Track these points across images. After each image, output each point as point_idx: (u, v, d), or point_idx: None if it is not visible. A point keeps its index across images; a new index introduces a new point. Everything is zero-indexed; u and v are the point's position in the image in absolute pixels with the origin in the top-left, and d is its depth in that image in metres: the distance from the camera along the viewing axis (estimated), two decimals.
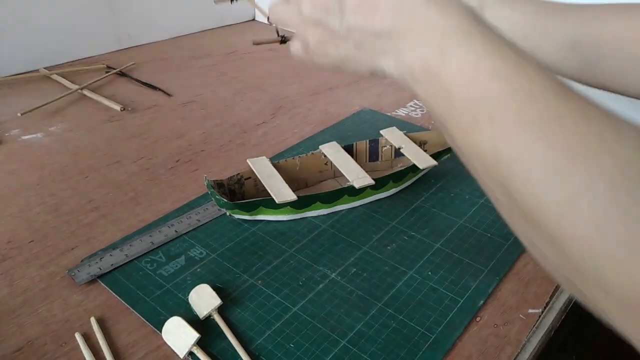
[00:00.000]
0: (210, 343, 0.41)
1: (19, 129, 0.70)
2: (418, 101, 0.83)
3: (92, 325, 0.42)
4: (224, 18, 1.15)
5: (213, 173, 0.62)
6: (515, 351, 0.41)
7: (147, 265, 0.48)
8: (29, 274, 0.47)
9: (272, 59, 0.98)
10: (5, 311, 0.43)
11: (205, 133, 0.71)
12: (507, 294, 0.47)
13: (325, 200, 0.54)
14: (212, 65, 0.94)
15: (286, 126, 0.74)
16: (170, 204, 0.57)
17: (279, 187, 0.52)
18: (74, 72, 0.87)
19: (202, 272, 0.48)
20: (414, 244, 0.52)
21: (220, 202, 0.51)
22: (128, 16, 0.97)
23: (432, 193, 0.59)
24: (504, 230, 0.53)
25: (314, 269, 0.48)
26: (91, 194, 0.58)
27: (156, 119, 0.75)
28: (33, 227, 0.53)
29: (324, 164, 0.59)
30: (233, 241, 0.51)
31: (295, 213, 0.54)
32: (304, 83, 0.88)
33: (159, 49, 1.01)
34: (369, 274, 0.48)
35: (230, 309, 0.44)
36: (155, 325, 0.42)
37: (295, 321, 0.43)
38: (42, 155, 0.65)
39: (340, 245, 0.51)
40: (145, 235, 0.51)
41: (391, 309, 0.44)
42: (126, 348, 0.41)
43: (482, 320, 0.44)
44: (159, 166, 0.64)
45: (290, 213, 0.53)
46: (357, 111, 0.78)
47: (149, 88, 0.83)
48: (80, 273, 0.46)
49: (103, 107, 0.77)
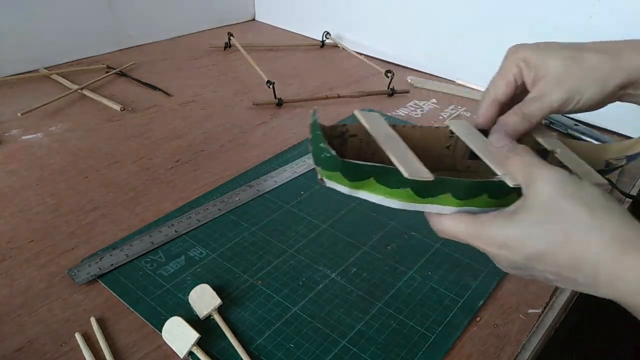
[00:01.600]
0: (210, 343, 0.41)
1: (19, 129, 0.70)
2: (418, 101, 0.83)
3: (92, 325, 0.42)
4: (224, 18, 1.15)
5: (213, 173, 0.62)
6: (515, 351, 0.41)
7: (147, 265, 0.48)
8: (29, 274, 0.47)
9: (273, 59, 0.98)
10: (5, 311, 0.43)
11: (205, 133, 0.71)
12: (507, 294, 0.47)
13: (459, 193, 0.37)
14: (212, 65, 0.94)
15: (286, 126, 0.74)
16: (170, 204, 0.57)
17: (405, 157, 0.36)
18: (74, 72, 0.87)
19: (202, 272, 0.48)
20: (414, 244, 0.52)
21: (321, 155, 0.35)
22: (128, 16, 0.97)
23: None
24: None
25: (314, 269, 0.48)
26: (91, 194, 0.58)
27: (156, 119, 0.75)
28: (33, 227, 0.53)
29: (445, 147, 0.43)
30: (233, 241, 0.51)
31: (414, 202, 0.37)
32: (304, 83, 0.88)
33: (159, 49, 1.01)
34: (369, 274, 0.48)
35: (230, 309, 0.44)
36: (155, 325, 0.42)
37: (295, 321, 0.43)
38: (42, 155, 0.65)
39: (340, 245, 0.51)
40: (145, 235, 0.51)
41: (391, 309, 0.44)
42: (126, 348, 0.41)
43: (482, 320, 0.44)
44: (159, 166, 0.64)
45: (406, 200, 0.37)
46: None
47: (149, 88, 0.83)
48: (80, 273, 0.46)
49: (103, 107, 0.77)
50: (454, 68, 0.90)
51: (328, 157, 0.35)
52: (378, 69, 0.90)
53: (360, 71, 0.93)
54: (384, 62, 0.97)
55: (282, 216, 0.55)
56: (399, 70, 0.93)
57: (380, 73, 0.87)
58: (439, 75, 0.92)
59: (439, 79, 0.92)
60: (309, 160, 0.64)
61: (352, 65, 0.96)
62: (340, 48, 1.02)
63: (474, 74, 0.88)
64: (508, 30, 0.81)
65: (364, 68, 0.94)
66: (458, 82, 0.90)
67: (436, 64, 0.93)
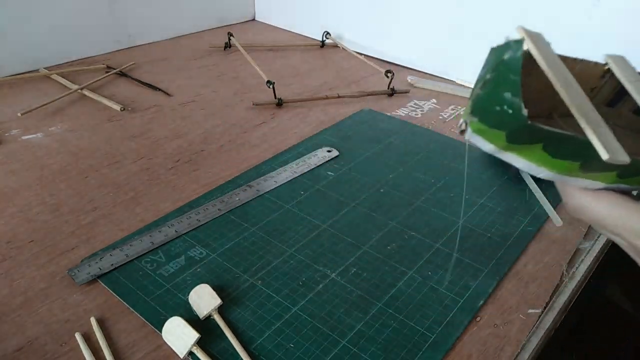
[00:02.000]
0: (210, 343, 0.41)
1: (19, 129, 0.70)
2: (418, 101, 0.83)
3: (92, 325, 0.42)
4: (224, 18, 1.15)
5: (213, 173, 0.62)
6: (515, 351, 0.41)
7: (147, 265, 0.48)
8: (29, 274, 0.47)
9: (272, 59, 0.98)
10: (5, 311, 0.43)
11: (205, 133, 0.71)
12: (507, 294, 0.47)
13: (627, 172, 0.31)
14: (212, 65, 0.94)
15: (286, 126, 0.74)
16: (170, 204, 0.57)
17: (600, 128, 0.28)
18: (74, 72, 0.87)
19: (202, 272, 0.48)
20: (414, 244, 0.52)
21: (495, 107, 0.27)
22: (128, 16, 0.97)
23: (432, 193, 0.59)
24: (504, 231, 0.53)
25: (314, 269, 0.48)
26: (91, 194, 0.58)
27: (156, 119, 0.75)
28: (33, 227, 0.53)
29: (590, 88, 0.35)
30: (233, 241, 0.51)
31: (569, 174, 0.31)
32: (304, 83, 0.88)
33: (159, 49, 1.01)
34: (369, 274, 0.48)
35: (230, 309, 0.44)
36: (155, 325, 0.42)
37: (295, 321, 0.43)
38: (42, 155, 0.65)
39: (340, 245, 0.51)
40: (145, 235, 0.51)
41: (391, 309, 0.44)
42: (126, 348, 0.41)
43: (482, 320, 0.44)
44: (159, 166, 0.64)
45: (562, 171, 0.31)
46: (357, 111, 0.78)
47: (149, 88, 0.83)
48: (80, 273, 0.46)
49: (103, 107, 0.77)
50: (454, 68, 0.90)
51: (509, 114, 0.27)
52: (378, 69, 0.90)
53: (360, 71, 0.93)
54: (384, 62, 0.97)
55: (282, 216, 0.55)
56: (399, 70, 0.93)
57: (380, 73, 0.87)
58: (439, 75, 0.92)
59: (439, 79, 0.92)
60: (309, 160, 0.64)
61: (352, 65, 0.96)
62: (340, 48, 1.02)
63: (474, 74, 0.88)
64: (508, 30, 0.81)
65: (364, 68, 0.94)
66: (458, 82, 0.90)
67: (436, 64, 0.93)
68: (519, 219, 0.55)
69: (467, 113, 0.29)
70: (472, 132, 0.30)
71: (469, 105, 0.29)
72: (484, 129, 0.29)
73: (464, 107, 0.81)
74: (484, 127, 0.29)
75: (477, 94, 0.28)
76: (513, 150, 0.30)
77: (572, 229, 0.55)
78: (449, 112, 0.80)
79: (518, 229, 0.54)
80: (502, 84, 0.26)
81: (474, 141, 0.31)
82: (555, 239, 0.53)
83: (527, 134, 0.28)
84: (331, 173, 0.63)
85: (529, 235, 0.53)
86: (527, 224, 0.55)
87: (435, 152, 0.67)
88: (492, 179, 0.62)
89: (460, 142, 0.70)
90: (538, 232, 0.54)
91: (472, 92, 0.29)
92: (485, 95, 0.27)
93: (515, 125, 0.28)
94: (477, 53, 0.95)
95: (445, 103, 0.83)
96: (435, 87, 0.87)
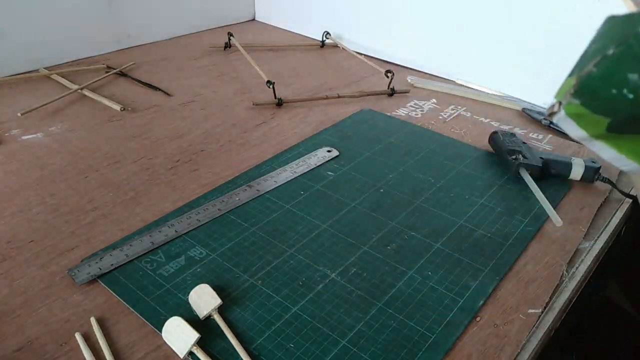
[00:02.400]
0: (210, 343, 0.41)
1: (19, 129, 0.70)
2: (418, 101, 0.83)
3: (92, 325, 0.42)
4: (224, 18, 1.15)
5: (213, 173, 0.62)
6: (515, 351, 0.41)
7: (147, 265, 0.48)
8: (29, 274, 0.47)
9: (272, 59, 0.98)
10: (5, 311, 0.43)
11: (205, 133, 0.71)
12: (507, 294, 0.47)
13: None
14: (212, 65, 0.94)
15: (286, 126, 0.74)
16: (170, 204, 0.57)
17: None
18: (74, 72, 0.87)
19: (202, 272, 0.48)
20: (414, 244, 0.52)
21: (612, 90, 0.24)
22: (128, 16, 0.97)
23: (432, 193, 0.59)
24: (504, 230, 0.53)
25: (314, 269, 0.48)
26: (91, 194, 0.58)
27: (156, 119, 0.75)
28: (33, 227, 0.53)
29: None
30: (233, 241, 0.51)
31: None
32: (304, 83, 0.88)
33: (159, 49, 1.01)
34: (369, 274, 0.48)
35: (230, 309, 0.44)
36: (155, 325, 0.42)
37: (295, 321, 0.43)
38: (42, 155, 0.65)
39: (340, 245, 0.51)
40: (145, 235, 0.51)
41: (391, 309, 0.44)
42: (126, 348, 0.41)
43: (482, 320, 0.44)
44: (159, 166, 0.64)
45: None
46: (357, 111, 0.78)
47: (149, 88, 0.83)
48: (80, 273, 0.46)
49: (103, 107, 0.77)
50: (454, 68, 0.90)
51: (628, 100, 0.23)
52: (378, 69, 0.90)
53: (360, 71, 0.93)
54: (384, 62, 0.97)
55: (282, 216, 0.55)
56: (399, 70, 0.93)
57: (380, 73, 0.87)
58: (439, 75, 0.92)
59: (439, 79, 0.92)
60: (309, 160, 0.64)
61: (352, 65, 0.96)
62: (340, 48, 1.02)
63: (474, 74, 0.88)
64: (508, 30, 0.81)
65: (364, 68, 0.94)
66: (458, 82, 0.90)
67: (436, 64, 0.93)
68: (519, 219, 0.55)
69: (563, 93, 0.25)
70: (565, 115, 0.26)
71: (571, 84, 0.24)
72: (584, 113, 0.25)
73: (464, 107, 0.82)
74: (585, 111, 0.25)
75: (589, 71, 0.23)
76: (608, 139, 0.27)
77: (572, 229, 0.55)
78: (449, 112, 0.80)
79: (518, 229, 0.54)
80: (630, 62, 0.21)
81: (562, 125, 0.27)
82: (555, 239, 0.53)
83: (635, 123, 0.24)
84: (331, 173, 0.63)
85: (529, 235, 0.53)
86: (527, 224, 0.55)
87: (435, 152, 0.67)
88: (492, 179, 0.62)
89: (460, 142, 0.70)
90: (538, 232, 0.54)
91: (576, 69, 0.25)
92: (602, 73, 0.23)
93: (628, 113, 0.23)
94: (477, 53, 0.96)
95: (445, 103, 0.83)
96: (435, 87, 0.87)
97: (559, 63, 0.76)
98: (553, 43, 0.77)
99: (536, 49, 0.79)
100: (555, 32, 0.76)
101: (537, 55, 0.79)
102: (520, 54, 0.81)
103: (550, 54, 0.77)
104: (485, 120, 0.77)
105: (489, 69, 0.86)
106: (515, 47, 0.81)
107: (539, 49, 0.79)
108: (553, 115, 0.27)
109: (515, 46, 0.81)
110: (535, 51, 0.79)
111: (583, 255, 0.52)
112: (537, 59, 0.79)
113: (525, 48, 0.80)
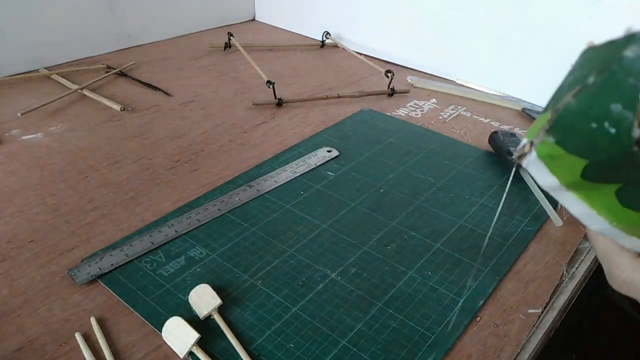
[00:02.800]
0: (210, 343, 0.41)
1: (19, 129, 0.70)
2: (418, 101, 0.83)
3: (92, 325, 0.42)
4: (224, 18, 1.15)
5: (213, 173, 0.62)
6: (515, 351, 0.41)
7: (147, 265, 0.48)
8: (29, 274, 0.47)
9: (272, 59, 0.98)
10: (5, 311, 0.43)
11: (205, 133, 0.71)
12: (507, 294, 0.47)
13: None
14: (212, 65, 0.94)
15: (286, 126, 0.74)
16: (170, 204, 0.57)
17: None
18: (74, 72, 0.87)
19: (202, 272, 0.48)
20: (414, 244, 0.52)
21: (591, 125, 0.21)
22: (128, 16, 0.97)
23: (432, 193, 0.59)
24: (504, 230, 0.53)
25: (314, 269, 0.48)
26: (91, 194, 0.58)
27: (156, 119, 0.75)
28: (33, 227, 0.53)
29: None
30: (233, 241, 0.51)
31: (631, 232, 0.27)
32: (304, 83, 0.88)
33: (159, 49, 1.01)
34: (369, 274, 0.48)
35: (230, 309, 0.44)
36: (155, 325, 0.42)
37: (295, 321, 0.43)
38: (42, 155, 0.65)
39: (340, 245, 0.51)
40: (145, 235, 0.51)
41: (391, 309, 0.44)
42: (126, 348, 0.41)
43: (482, 320, 0.44)
44: (159, 166, 0.64)
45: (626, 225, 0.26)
46: (357, 111, 0.78)
47: (149, 88, 0.83)
48: (80, 273, 0.46)
49: (103, 107, 0.77)
50: (454, 68, 0.90)
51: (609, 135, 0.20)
52: (378, 69, 0.90)
53: (360, 71, 0.93)
54: (384, 62, 0.97)
55: (282, 216, 0.55)
56: (399, 70, 0.93)
57: (380, 73, 0.87)
58: (439, 75, 0.92)
59: (439, 79, 0.92)
60: (309, 160, 0.64)
61: (352, 65, 0.96)
62: (340, 48, 1.02)
63: (474, 74, 0.88)
64: (508, 31, 0.81)
65: (364, 68, 0.94)
66: (458, 82, 0.90)
67: (436, 64, 0.93)
68: (519, 219, 0.55)
69: (536, 131, 0.22)
70: (536, 158, 0.23)
71: (546, 120, 0.21)
72: (558, 154, 0.22)
73: (464, 107, 0.82)
74: (560, 151, 0.22)
75: (566, 103, 0.20)
76: (580, 190, 0.24)
77: (572, 229, 0.55)
78: (449, 112, 0.80)
79: (518, 229, 0.54)
80: (613, 91, 0.19)
81: (532, 170, 0.24)
82: (555, 239, 0.53)
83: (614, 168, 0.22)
84: (331, 173, 0.63)
85: (529, 235, 0.53)
86: (527, 224, 0.55)
87: (435, 152, 0.67)
88: (492, 179, 0.62)
89: (460, 142, 0.70)
90: (538, 232, 0.54)
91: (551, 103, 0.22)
92: (581, 105, 0.20)
93: (609, 152, 0.21)
94: (477, 53, 0.96)
95: (445, 103, 0.83)
96: (435, 87, 0.87)
97: (559, 63, 0.75)
98: (553, 43, 0.77)
99: (536, 49, 0.79)
100: (555, 32, 0.76)
101: (537, 56, 0.79)
102: (520, 54, 0.81)
103: (550, 54, 0.77)
104: (485, 120, 0.77)
105: (489, 69, 0.86)
106: (515, 47, 0.81)
107: (539, 49, 0.79)
108: (522, 158, 0.23)
109: (515, 46, 0.81)
110: (536, 51, 0.79)
111: (583, 255, 0.52)
112: (537, 59, 0.79)
113: (525, 48, 0.80)
